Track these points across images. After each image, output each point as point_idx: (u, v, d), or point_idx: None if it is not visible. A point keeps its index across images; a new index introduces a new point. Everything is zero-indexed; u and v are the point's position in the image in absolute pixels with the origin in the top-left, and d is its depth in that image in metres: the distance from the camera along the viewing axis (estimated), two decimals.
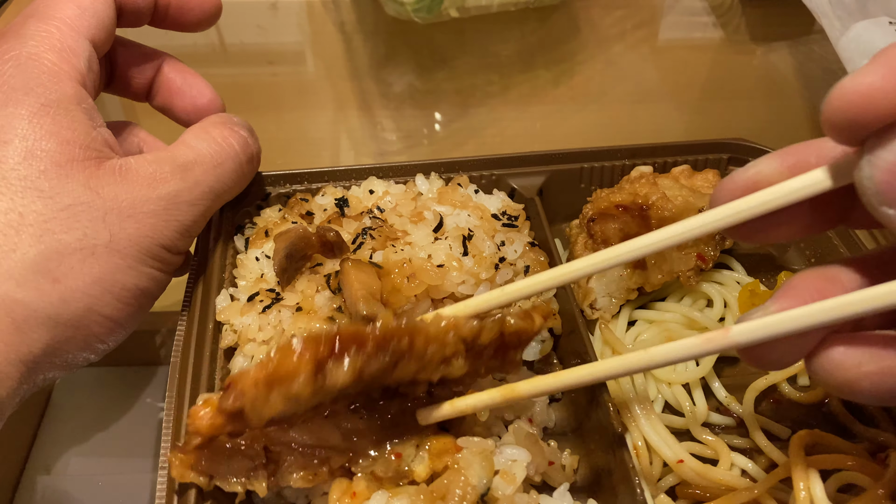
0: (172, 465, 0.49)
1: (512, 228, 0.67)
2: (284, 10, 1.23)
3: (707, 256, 0.66)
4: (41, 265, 0.49)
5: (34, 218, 0.49)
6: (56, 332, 0.50)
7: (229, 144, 0.59)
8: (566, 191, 0.76)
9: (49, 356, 0.50)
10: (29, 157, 0.49)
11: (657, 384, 0.62)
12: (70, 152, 0.51)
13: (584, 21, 1.22)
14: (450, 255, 0.62)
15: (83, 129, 0.52)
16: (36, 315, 0.48)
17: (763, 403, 0.62)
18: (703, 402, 0.61)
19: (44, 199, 0.49)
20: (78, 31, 0.54)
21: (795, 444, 0.54)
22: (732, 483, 0.54)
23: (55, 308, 0.49)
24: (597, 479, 0.56)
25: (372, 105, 1.07)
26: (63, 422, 0.68)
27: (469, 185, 0.72)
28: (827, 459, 0.53)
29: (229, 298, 0.61)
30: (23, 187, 0.49)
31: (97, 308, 0.51)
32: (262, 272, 0.63)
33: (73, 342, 0.51)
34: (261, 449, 0.51)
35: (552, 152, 0.76)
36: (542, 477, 0.56)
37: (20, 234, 0.48)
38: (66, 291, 0.49)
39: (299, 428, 0.52)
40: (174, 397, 0.54)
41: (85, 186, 0.51)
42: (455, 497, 0.50)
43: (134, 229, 0.52)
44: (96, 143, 0.52)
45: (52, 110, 0.51)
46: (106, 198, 0.51)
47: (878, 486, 0.52)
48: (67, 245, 0.50)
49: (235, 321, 0.59)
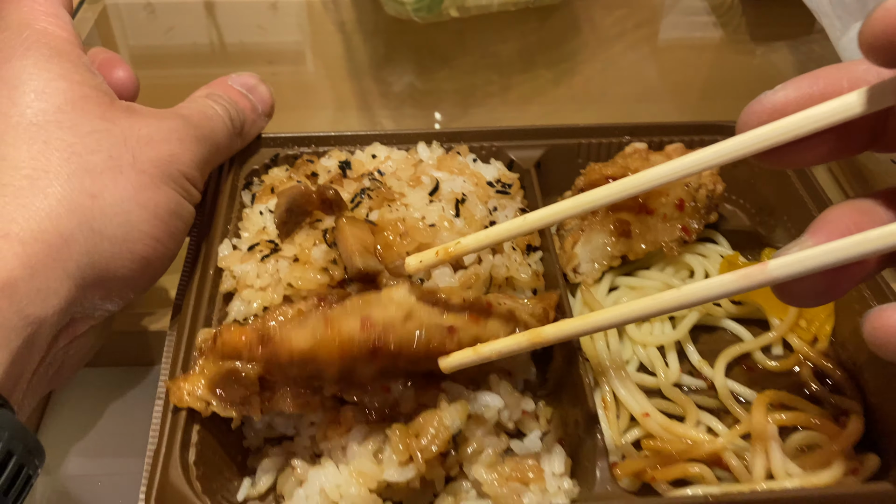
0: (171, 391, 0.54)
1: (505, 195, 0.70)
2: (284, 10, 1.23)
3: (691, 229, 0.68)
4: (75, 183, 0.51)
5: (59, 144, 0.52)
6: (101, 246, 0.51)
7: (212, 107, 0.64)
8: (563, 165, 0.79)
9: (96, 272, 0.52)
10: (43, 95, 0.53)
11: (633, 346, 0.65)
12: (82, 90, 0.54)
13: (584, 21, 1.21)
14: (442, 216, 0.65)
15: (90, 75, 0.56)
16: (81, 228, 0.50)
17: (736, 370, 0.65)
18: (676, 364, 0.64)
19: (63, 129, 0.52)
20: (54, 1, 0.58)
21: (759, 400, 0.57)
22: (696, 438, 0.57)
23: (98, 221, 0.51)
24: (566, 429, 0.59)
25: (372, 105, 1.07)
26: (63, 422, 0.68)
27: (468, 154, 0.75)
28: (787, 417, 0.56)
29: (231, 247, 0.65)
30: (43, 121, 0.52)
31: (136, 223, 0.54)
32: (264, 225, 0.66)
33: (119, 259, 0.53)
34: (256, 378, 0.55)
35: (551, 127, 0.79)
36: (515, 424, 0.59)
37: (49, 159, 0.51)
38: (104, 206, 0.52)
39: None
40: (175, 333, 0.58)
41: (101, 118, 0.54)
42: (429, 435, 0.53)
43: (154, 153, 0.56)
44: (103, 87, 0.56)
45: (57, 59, 0.54)
46: (123, 126, 0.55)
47: (834, 444, 0.54)
48: (95, 165, 0.53)
49: (235, 268, 0.62)
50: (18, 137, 0.51)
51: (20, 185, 0.50)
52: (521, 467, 0.55)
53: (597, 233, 0.67)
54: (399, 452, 0.53)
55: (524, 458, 0.56)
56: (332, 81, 1.14)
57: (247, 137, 0.71)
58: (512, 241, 0.66)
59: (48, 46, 0.55)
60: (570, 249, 0.67)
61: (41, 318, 0.47)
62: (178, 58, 0.69)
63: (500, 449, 0.56)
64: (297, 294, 0.62)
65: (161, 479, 0.50)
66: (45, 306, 0.48)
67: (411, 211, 0.66)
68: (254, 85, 0.71)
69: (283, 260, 0.63)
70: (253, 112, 0.70)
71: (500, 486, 0.54)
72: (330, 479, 0.53)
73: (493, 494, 0.54)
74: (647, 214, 0.68)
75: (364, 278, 0.62)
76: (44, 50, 0.54)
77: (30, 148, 0.51)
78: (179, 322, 0.59)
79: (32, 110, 0.52)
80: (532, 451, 0.57)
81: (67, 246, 0.50)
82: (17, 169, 0.50)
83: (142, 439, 0.52)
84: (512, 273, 0.65)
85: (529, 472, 0.55)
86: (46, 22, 0.56)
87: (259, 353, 0.52)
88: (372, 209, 0.66)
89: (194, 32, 1.17)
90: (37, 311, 0.47)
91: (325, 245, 0.63)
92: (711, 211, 0.72)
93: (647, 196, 0.68)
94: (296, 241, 0.64)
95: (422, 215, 0.65)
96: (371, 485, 0.53)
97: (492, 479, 0.54)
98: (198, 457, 0.52)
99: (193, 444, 0.52)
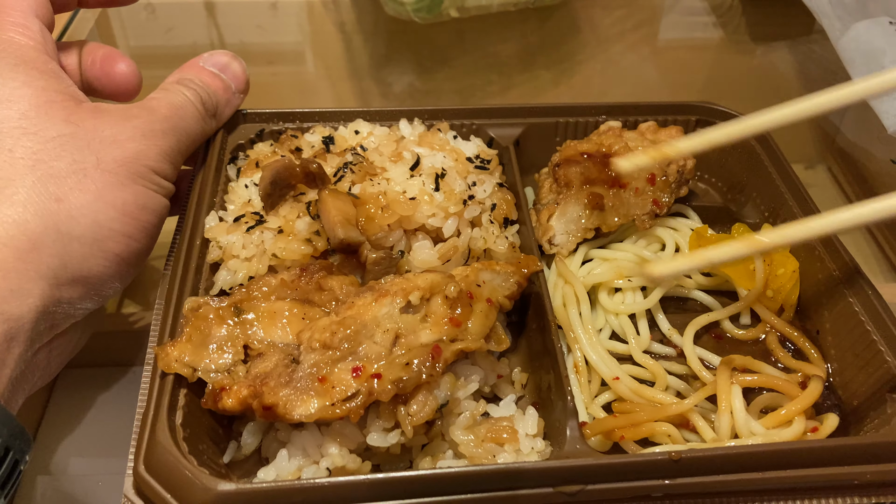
0: (159, 357, 0.56)
1: (484, 171, 0.72)
2: (284, 10, 1.24)
3: (662, 202, 0.71)
4: (40, 188, 0.53)
5: (23, 151, 0.54)
6: (71, 247, 0.53)
7: (183, 94, 0.65)
8: (541, 142, 0.81)
9: (70, 273, 0.54)
10: (7, 103, 0.54)
11: (605, 314, 0.67)
12: (47, 95, 0.56)
13: (584, 21, 1.22)
14: (422, 190, 0.67)
15: (55, 81, 0.57)
16: (48, 232, 0.52)
17: (705, 338, 0.67)
18: (646, 332, 0.66)
19: (29, 135, 0.54)
20: (24, 11, 0.59)
21: (724, 364, 0.59)
22: (664, 401, 0.59)
23: (65, 224, 0.53)
24: (540, 394, 0.61)
25: (372, 105, 1.07)
26: (63, 422, 0.69)
27: (449, 131, 0.77)
28: (750, 379, 0.59)
29: (217, 219, 0.66)
30: (7, 128, 0.54)
31: (104, 222, 0.55)
32: (249, 198, 0.68)
33: (92, 258, 0.55)
34: (241, 347, 0.57)
35: (530, 106, 0.81)
36: (492, 389, 0.62)
37: (14, 167, 0.53)
38: (71, 209, 0.54)
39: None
40: (163, 302, 0.60)
41: (66, 122, 0.56)
42: (417, 403, 0.55)
43: (118, 153, 0.57)
44: (70, 90, 0.58)
45: (22, 67, 0.56)
46: (87, 129, 0.56)
47: (794, 403, 0.57)
48: (60, 170, 0.54)
49: (221, 239, 0.64)
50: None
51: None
52: (496, 428, 0.57)
53: (571, 206, 0.70)
54: (386, 417, 0.55)
55: (499, 421, 0.58)
56: (332, 81, 1.15)
57: (221, 118, 0.72)
58: (489, 215, 0.68)
59: (14, 56, 0.57)
60: (546, 222, 0.70)
61: (17, 316, 0.50)
62: (178, 58, 0.69)
63: (478, 413, 0.59)
64: (282, 264, 0.64)
65: (149, 438, 0.52)
66: (21, 305, 0.50)
67: (392, 185, 0.68)
68: (226, 63, 0.71)
69: (267, 231, 0.65)
70: (226, 92, 0.71)
71: (476, 446, 0.56)
72: (311, 440, 0.55)
73: (468, 454, 0.56)
74: (619, 188, 0.70)
75: (346, 249, 0.64)
76: (9, 59, 0.56)
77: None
78: (168, 291, 0.61)
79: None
80: (507, 414, 0.59)
81: (36, 249, 0.52)
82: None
83: None
84: (489, 245, 0.67)
85: (504, 433, 0.57)
86: (14, 31, 0.58)
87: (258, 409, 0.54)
88: (354, 183, 0.67)
89: (194, 32, 1.18)
90: (11, 310, 0.49)
91: (308, 217, 0.65)
92: (682, 185, 0.74)
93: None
94: (280, 214, 0.66)
95: (403, 189, 0.67)
96: (351, 445, 0.55)
97: (468, 440, 0.56)
98: (185, 419, 0.54)
99: (181, 407, 0.54)
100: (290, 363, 0.55)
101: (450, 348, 0.56)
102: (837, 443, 0.54)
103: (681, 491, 0.51)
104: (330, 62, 1.17)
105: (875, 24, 0.78)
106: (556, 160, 0.74)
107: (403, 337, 0.56)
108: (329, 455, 0.54)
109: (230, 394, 0.54)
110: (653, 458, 0.51)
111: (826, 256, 0.66)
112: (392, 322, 0.56)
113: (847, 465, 0.52)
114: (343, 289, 0.61)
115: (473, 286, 0.61)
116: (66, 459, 0.66)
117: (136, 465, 0.51)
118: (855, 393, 0.61)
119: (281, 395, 0.53)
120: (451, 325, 0.57)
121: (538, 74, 1.14)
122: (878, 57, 0.70)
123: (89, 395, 0.70)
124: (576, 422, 0.54)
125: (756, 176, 0.77)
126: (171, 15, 1.19)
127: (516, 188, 0.72)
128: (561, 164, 0.72)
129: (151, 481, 0.50)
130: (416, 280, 0.59)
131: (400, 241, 0.66)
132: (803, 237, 0.56)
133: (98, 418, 0.69)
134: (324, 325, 0.56)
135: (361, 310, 0.57)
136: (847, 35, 0.79)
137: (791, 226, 0.56)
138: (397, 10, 1.03)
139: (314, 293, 0.61)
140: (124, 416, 0.56)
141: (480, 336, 0.58)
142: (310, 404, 0.53)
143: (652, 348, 0.66)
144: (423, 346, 0.56)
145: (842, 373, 0.63)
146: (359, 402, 0.53)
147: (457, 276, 0.61)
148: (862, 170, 0.92)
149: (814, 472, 0.52)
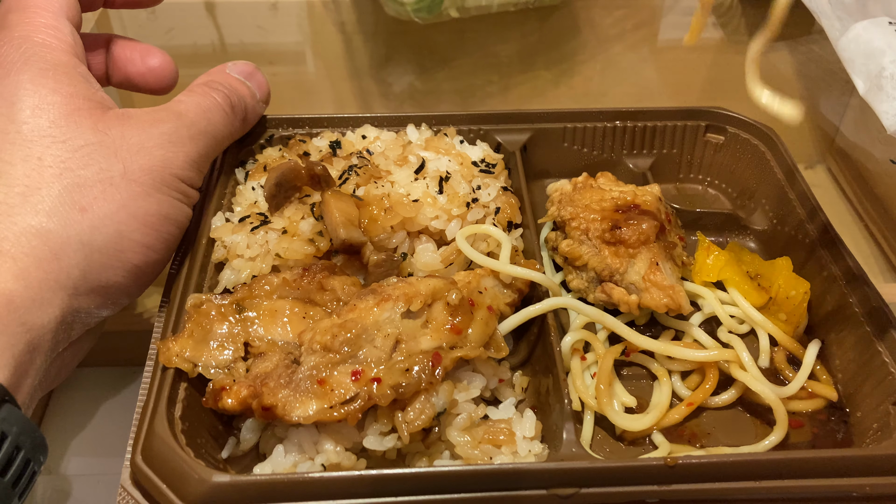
0: (161, 351, 0.56)
1: (489, 175, 0.73)
2: (284, 10, 1.24)
3: (683, 235, 0.74)
4: (66, 198, 0.54)
5: (52, 160, 0.55)
6: (92, 258, 0.54)
7: (211, 97, 0.65)
8: (549, 148, 0.81)
9: (89, 283, 0.54)
10: (38, 111, 0.55)
11: None
12: (75, 103, 0.57)
13: (584, 21, 1.22)
14: (426, 192, 0.68)
15: (83, 86, 0.58)
16: (70, 242, 0.53)
17: None
18: None
19: (58, 144, 0.55)
20: (55, 12, 0.60)
21: None
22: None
23: (87, 234, 0.54)
24: (539, 397, 0.61)
25: (372, 105, 1.09)
26: (63, 422, 0.69)
27: (455, 136, 0.78)
28: None
29: (224, 220, 0.67)
30: (38, 136, 0.55)
31: (126, 233, 0.56)
32: (256, 200, 0.69)
33: (111, 269, 0.56)
34: (241, 344, 0.58)
35: (538, 111, 0.81)
36: (493, 392, 0.62)
37: (42, 175, 0.54)
38: (94, 219, 0.55)
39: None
40: (168, 300, 0.61)
41: (93, 129, 0.57)
42: (415, 409, 0.55)
43: (145, 161, 0.58)
44: (97, 97, 0.58)
45: (52, 73, 0.57)
46: (114, 137, 0.57)
47: None
48: (87, 179, 0.55)
49: (226, 238, 0.65)
50: (14, 154, 0.54)
51: (12, 203, 0.52)
52: (493, 431, 0.57)
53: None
54: (383, 421, 0.55)
55: (497, 423, 0.58)
56: (332, 81, 1.15)
57: (248, 123, 0.72)
58: (493, 218, 0.69)
59: (44, 59, 0.57)
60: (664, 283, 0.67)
61: (40, 325, 0.50)
62: (178, 58, 0.70)
63: (477, 416, 0.58)
64: (285, 264, 0.65)
65: (147, 430, 0.52)
66: (43, 314, 0.51)
67: (396, 187, 0.68)
68: (251, 72, 0.72)
69: (272, 231, 0.66)
70: (252, 99, 0.72)
71: (473, 447, 0.56)
72: (308, 437, 0.55)
73: (465, 455, 0.56)
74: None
75: (348, 249, 0.64)
76: (40, 63, 0.57)
77: (24, 165, 0.54)
78: (174, 289, 0.62)
79: (28, 126, 0.55)
80: (506, 417, 0.59)
81: (58, 260, 0.52)
82: (11, 186, 0.53)
83: None
84: (492, 249, 0.67)
85: (501, 434, 0.57)
86: (45, 34, 0.59)
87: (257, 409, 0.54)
88: (359, 185, 0.68)
89: (194, 33, 1.19)
90: (34, 319, 0.50)
91: (312, 218, 0.66)
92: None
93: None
94: (285, 215, 0.67)
95: (406, 192, 0.68)
96: (347, 444, 0.55)
97: (465, 441, 0.56)
98: (184, 412, 0.55)
99: (180, 401, 0.55)
100: (290, 364, 0.56)
101: (449, 356, 0.56)
102: (836, 454, 0.54)
103: (675, 497, 0.51)
104: (330, 62, 1.17)
105: (875, 25, 0.77)
106: (602, 226, 0.69)
107: (404, 342, 0.56)
108: (324, 452, 0.54)
109: (230, 393, 0.54)
110: (648, 463, 0.51)
111: (832, 264, 0.66)
112: (393, 327, 0.57)
113: (846, 477, 0.52)
114: (345, 289, 0.61)
115: (475, 293, 0.61)
116: (66, 459, 0.67)
117: (133, 455, 0.51)
118: (859, 405, 0.61)
119: (280, 395, 0.53)
120: (452, 333, 0.57)
121: (538, 74, 1.14)
122: (878, 57, 0.70)
123: (90, 396, 0.71)
124: (572, 425, 0.54)
125: (765, 182, 0.77)
126: (171, 15, 1.19)
127: (521, 192, 0.73)
128: (622, 227, 0.68)
129: (148, 472, 0.50)
130: (419, 285, 0.59)
131: (403, 242, 0.67)
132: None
133: (98, 418, 0.70)
134: (325, 327, 0.57)
135: (363, 313, 0.57)
136: (847, 35, 0.78)
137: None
138: (397, 10, 1.03)
139: (316, 293, 0.61)
140: (125, 416, 0.57)
141: (480, 344, 0.59)
142: (308, 406, 0.53)
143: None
144: (424, 352, 0.56)
145: (846, 383, 0.62)
146: (357, 406, 0.53)
147: (459, 281, 0.61)
148: (862, 170, 0.91)
149: (811, 482, 0.51)
